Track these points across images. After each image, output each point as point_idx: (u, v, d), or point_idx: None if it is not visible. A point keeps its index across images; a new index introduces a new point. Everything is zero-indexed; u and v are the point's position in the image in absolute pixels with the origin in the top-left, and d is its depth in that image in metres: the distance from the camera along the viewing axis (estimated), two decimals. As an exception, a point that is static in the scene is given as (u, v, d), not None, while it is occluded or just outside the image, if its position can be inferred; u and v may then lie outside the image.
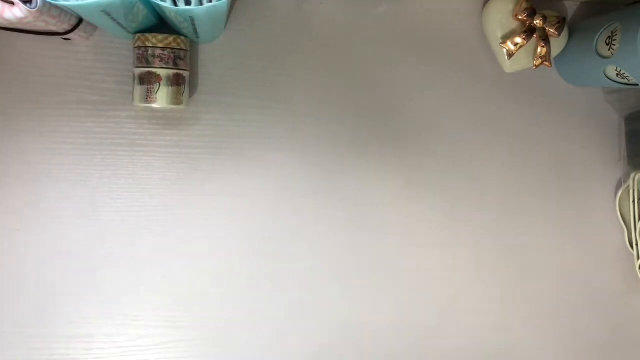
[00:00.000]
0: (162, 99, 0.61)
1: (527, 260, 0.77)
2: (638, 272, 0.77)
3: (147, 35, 0.60)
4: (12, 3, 0.47)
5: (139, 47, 0.60)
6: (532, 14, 0.66)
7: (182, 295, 0.69)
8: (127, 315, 0.68)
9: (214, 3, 0.51)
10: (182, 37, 0.61)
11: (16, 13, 0.48)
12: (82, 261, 0.66)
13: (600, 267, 0.79)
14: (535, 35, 0.67)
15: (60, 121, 0.64)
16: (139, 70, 0.61)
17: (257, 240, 0.70)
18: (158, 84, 0.60)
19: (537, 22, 0.66)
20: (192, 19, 0.54)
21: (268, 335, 0.71)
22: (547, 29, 0.67)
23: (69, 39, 0.63)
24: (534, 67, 0.69)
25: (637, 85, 0.64)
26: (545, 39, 0.67)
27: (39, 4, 0.48)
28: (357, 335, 0.73)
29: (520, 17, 0.66)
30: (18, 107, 0.63)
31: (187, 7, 0.51)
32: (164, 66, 0.60)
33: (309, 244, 0.71)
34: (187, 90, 0.64)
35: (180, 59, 0.61)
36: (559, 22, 0.67)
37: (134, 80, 0.62)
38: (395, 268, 0.73)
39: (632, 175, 0.75)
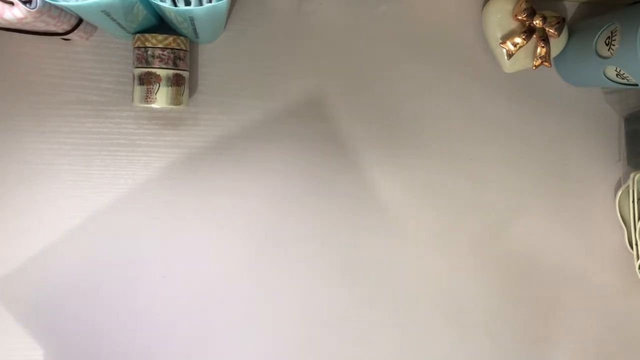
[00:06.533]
0: (161, 99, 0.61)
1: (527, 260, 0.77)
2: (638, 272, 0.77)
3: (147, 35, 0.60)
4: (12, 3, 0.47)
5: (138, 48, 0.61)
6: (531, 14, 0.66)
7: (181, 295, 0.69)
8: (127, 314, 0.68)
9: (213, 3, 0.51)
10: (182, 38, 0.61)
11: (16, 13, 0.48)
12: (82, 261, 0.66)
13: (600, 267, 0.79)
14: (534, 36, 0.67)
15: (60, 121, 0.64)
16: (138, 71, 0.61)
17: (257, 240, 0.70)
18: (158, 84, 0.60)
19: (537, 22, 0.66)
20: (191, 19, 0.54)
21: (267, 335, 0.71)
22: (546, 29, 0.67)
23: (68, 39, 0.63)
24: (534, 67, 0.69)
25: (636, 85, 0.64)
26: (545, 39, 0.67)
27: (38, 4, 0.48)
28: (356, 334, 0.73)
29: (519, 17, 0.66)
30: (18, 107, 0.63)
31: (187, 8, 0.51)
32: (164, 66, 0.60)
33: (308, 244, 0.71)
34: (186, 91, 0.64)
35: (180, 59, 0.62)
36: (558, 22, 0.67)
37: (133, 80, 0.62)
38: (395, 268, 0.73)
39: (631, 175, 0.75)
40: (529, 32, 0.66)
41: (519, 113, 0.75)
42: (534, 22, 0.66)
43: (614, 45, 0.63)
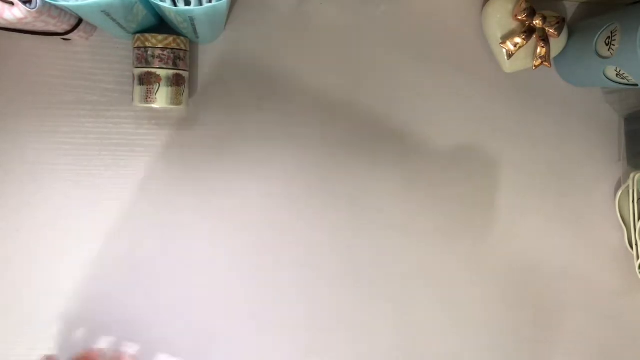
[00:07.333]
0: (161, 99, 0.61)
1: (527, 260, 0.77)
2: (638, 272, 0.76)
3: (147, 35, 0.60)
4: (12, 3, 0.47)
5: (138, 48, 0.61)
6: (531, 14, 0.66)
7: (181, 295, 0.69)
8: (126, 314, 0.68)
9: (213, 3, 0.51)
10: (182, 38, 0.62)
11: (16, 13, 0.48)
12: (82, 261, 0.66)
13: (600, 267, 0.79)
14: (534, 36, 0.67)
15: (60, 121, 0.64)
16: (138, 71, 0.61)
17: (256, 240, 0.70)
18: (158, 84, 0.60)
19: (537, 22, 0.66)
20: (191, 19, 0.54)
21: (268, 334, 0.71)
22: (546, 29, 0.67)
23: (68, 39, 0.63)
24: (534, 67, 0.69)
25: (636, 85, 0.64)
26: (545, 39, 0.67)
27: (38, 4, 0.48)
28: (357, 334, 0.73)
29: (519, 17, 0.66)
30: (18, 107, 0.63)
31: (187, 8, 0.51)
32: (164, 66, 0.60)
33: (308, 245, 0.71)
34: (186, 91, 0.64)
35: (179, 59, 0.62)
36: (558, 23, 0.67)
37: (133, 80, 0.62)
38: (395, 268, 0.73)
39: (631, 175, 0.74)
40: (529, 32, 0.66)
41: (519, 113, 0.75)
42: (534, 22, 0.66)
43: (614, 45, 0.63)
